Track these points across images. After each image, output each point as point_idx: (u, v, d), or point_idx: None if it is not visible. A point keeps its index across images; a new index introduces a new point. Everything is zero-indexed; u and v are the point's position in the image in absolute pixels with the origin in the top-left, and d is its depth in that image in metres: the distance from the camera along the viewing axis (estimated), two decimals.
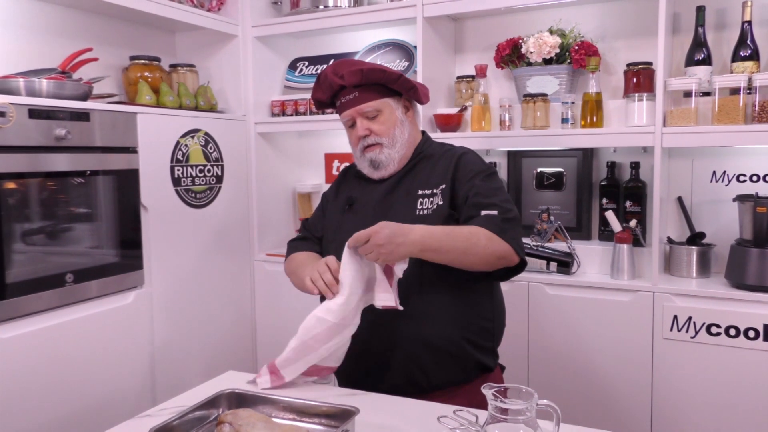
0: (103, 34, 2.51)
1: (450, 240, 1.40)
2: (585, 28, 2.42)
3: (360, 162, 1.64)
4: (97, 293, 2.08)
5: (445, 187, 1.54)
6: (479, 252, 1.41)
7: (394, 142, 1.59)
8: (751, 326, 1.94)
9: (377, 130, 1.58)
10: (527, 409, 1.03)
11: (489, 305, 1.59)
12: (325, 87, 1.62)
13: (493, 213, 1.46)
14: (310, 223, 1.78)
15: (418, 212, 1.54)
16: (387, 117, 1.59)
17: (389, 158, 1.59)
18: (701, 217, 2.30)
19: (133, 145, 2.21)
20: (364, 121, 1.59)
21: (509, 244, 1.43)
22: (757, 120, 1.99)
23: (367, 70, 1.55)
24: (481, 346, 1.56)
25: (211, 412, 1.27)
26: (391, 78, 1.58)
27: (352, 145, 1.64)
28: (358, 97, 1.58)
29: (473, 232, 1.41)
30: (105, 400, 2.07)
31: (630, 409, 2.14)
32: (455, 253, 1.41)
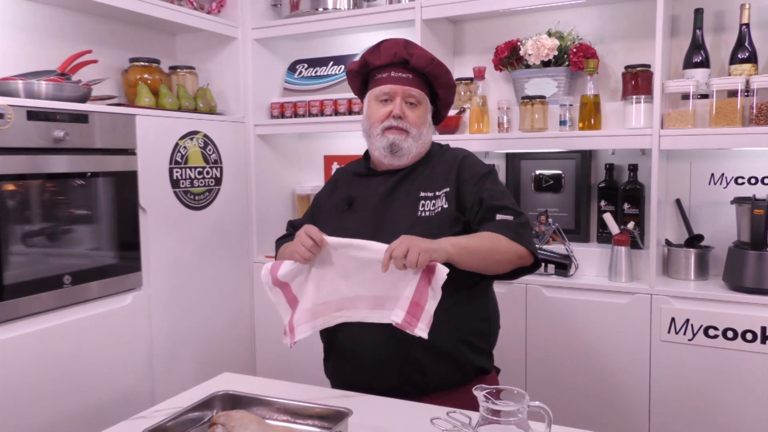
0: (102, 36, 2.52)
1: (476, 239, 1.43)
2: (583, 31, 2.42)
3: (377, 141, 1.59)
4: (96, 295, 2.09)
5: (449, 190, 1.55)
6: (503, 252, 1.43)
7: (420, 137, 1.59)
8: (749, 329, 1.94)
9: (411, 119, 1.58)
10: (519, 411, 1.03)
11: (485, 307, 1.60)
12: (387, 54, 1.58)
13: (508, 218, 1.48)
14: (296, 222, 1.77)
15: (420, 213, 1.54)
16: (423, 112, 1.61)
17: (409, 149, 1.58)
18: (699, 220, 2.30)
19: (131, 147, 2.22)
20: (403, 104, 1.58)
21: (526, 248, 1.47)
22: (755, 122, 1.98)
23: (438, 62, 1.58)
24: (477, 348, 1.56)
25: (205, 413, 1.28)
26: (449, 83, 1.61)
27: (374, 121, 1.59)
28: (412, 79, 1.58)
29: (494, 237, 1.44)
30: (103, 402, 2.08)
31: (628, 410, 2.13)
32: (482, 253, 1.42)
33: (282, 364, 2.79)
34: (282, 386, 1.49)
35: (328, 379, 1.67)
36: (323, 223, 1.65)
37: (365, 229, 1.53)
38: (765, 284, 1.96)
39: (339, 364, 1.59)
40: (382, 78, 1.60)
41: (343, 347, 1.56)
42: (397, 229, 1.45)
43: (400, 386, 1.50)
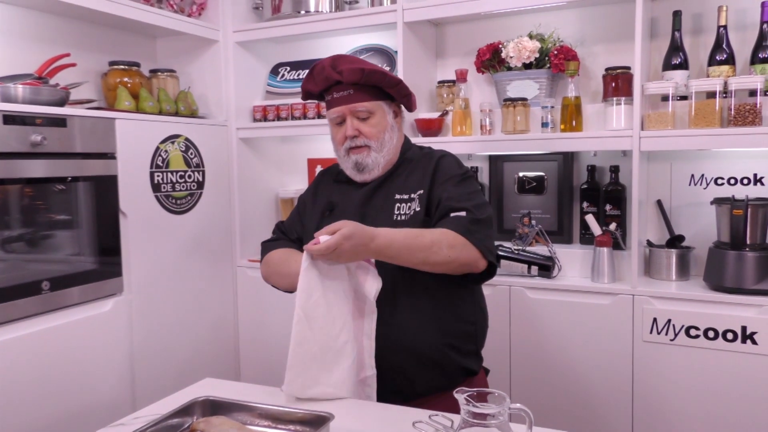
0: (81, 40, 2.50)
1: (407, 253, 1.38)
2: (564, 33, 2.44)
3: (344, 162, 1.61)
4: (76, 301, 2.06)
5: (422, 192, 1.54)
6: (439, 261, 1.39)
7: (382, 146, 1.57)
8: (729, 328, 1.96)
9: (367, 132, 1.55)
10: (500, 413, 1.03)
11: (470, 308, 1.58)
12: (320, 79, 1.58)
13: (461, 214, 1.45)
14: (284, 225, 1.76)
15: (396, 217, 1.53)
16: (378, 120, 1.57)
17: (375, 162, 1.57)
18: (680, 220, 2.32)
19: (111, 151, 2.19)
20: (354, 120, 1.56)
21: (476, 247, 1.42)
22: (733, 123, 2.01)
23: (368, 70, 1.52)
24: (464, 350, 1.55)
25: (185, 419, 1.26)
26: (391, 82, 1.56)
27: (336, 144, 1.60)
28: (353, 95, 1.55)
29: (435, 241, 1.39)
30: (83, 409, 2.05)
31: (611, 411, 2.14)
32: (412, 263, 1.40)
33: (266, 369, 2.77)
34: (264, 391, 1.48)
35: None
36: (307, 230, 1.65)
37: None
38: (745, 284, 1.98)
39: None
40: (328, 101, 1.60)
41: None
42: None
43: (385, 396, 1.48)
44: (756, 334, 1.92)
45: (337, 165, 1.73)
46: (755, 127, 1.97)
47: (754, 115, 1.97)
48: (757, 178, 2.19)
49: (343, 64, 1.54)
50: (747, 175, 2.21)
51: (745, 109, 1.98)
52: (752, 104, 1.98)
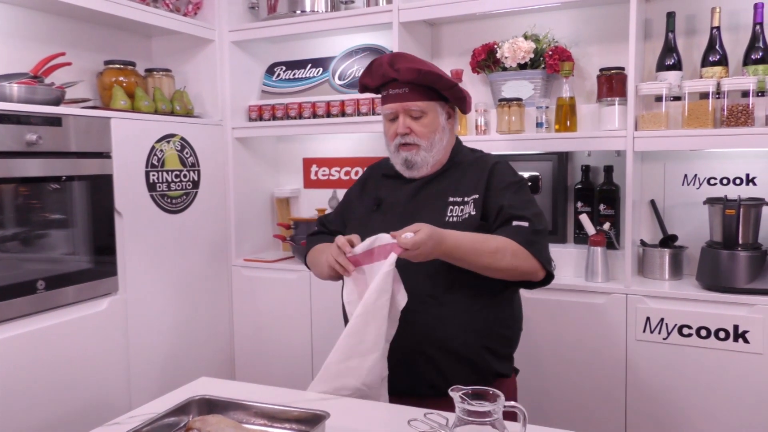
0: (76, 39, 2.49)
1: (474, 256, 1.44)
2: (559, 34, 2.45)
3: (394, 157, 1.64)
4: (71, 300, 2.06)
5: (477, 197, 1.56)
6: (502, 267, 1.45)
7: (432, 146, 1.59)
8: (722, 327, 1.97)
9: (418, 131, 1.58)
10: (494, 411, 1.04)
11: (509, 313, 1.62)
12: (377, 75, 1.60)
13: (523, 224, 1.49)
14: (327, 218, 1.81)
15: (448, 219, 1.56)
16: (430, 120, 1.59)
17: (424, 161, 1.60)
18: (673, 220, 2.33)
19: (107, 151, 2.19)
20: (407, 118, 1.58)
21: (537, 259, 1.47)
22: (726, 124, 2.02)
23: (424, 71, 1.54)
24: (500, 354, 1.59)
25: (182, 418, 1.26)
26: (447, 85, 1.58)
27: (388, 139, 1.64)
28: (408, 93, 1.57)
29: (500, 248, 1.45)
30: (79, 408, 2.05)
31: (605, 409, 2.16)
32: (476, 267, 1.45)
33: (262, 369, 2.77)
34: (260, 390, 1.49)
35: None
36: (353, 223, 1.68)
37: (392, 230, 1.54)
38: (737, 283, 1.99)
39: None
40: (383, 96, 1.63)
41: None
42: None
43: (418, 387, 1.51)
44: (748, 332, 1.94)
45: (387, 160, 1.74)
46: (748, 127, 1.98)
47: (747, 116, 1.99)
48: (750, 178, 2.21)
49: (402, 62, 1.56)
50: (739, 175, 2.23)
51: (737, 110, 2.00)
52: (745, 105, 1.99)
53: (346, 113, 2.66)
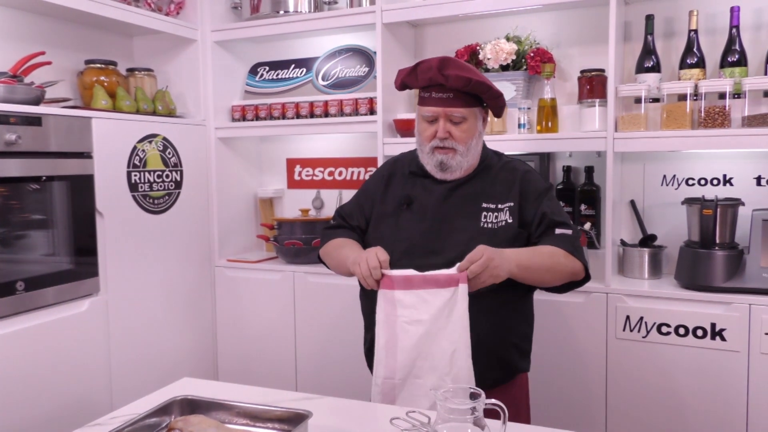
0: (57, 38, 2.47)
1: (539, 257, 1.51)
2: (540, 36, 2.47)
3: (427, 158, 1.63)
4: (51, 301, 2.04)
5: (513, 205, 1.59)
6: (560, 269, 1.53)
7: (468, 151, 1.60)
8: (699, 325, 2.01)
9: (457, 137, 1.58)
10: (475, 409, 1.05)
11: (530, 311, 1.68)
12: (424, 78, 1.58)
13: (567, 232, 1.56)
14: (345, 211, 1.78)
15: (483, 224, 1.58)
16: (470, 126, 1.60)
17: (459, 165, 1.61)
18: (653, 220, 2.36)
19: (88, 151, 2.18)
20: (447, 123, 1.58)
21: (581, 262, 1.56)
22: (703, 125, 2.06)
23: (475, 81, 1.53)
24: (522, 349, 1.64)
25: (163, 419, 1.26)
26: (493, 95, 1.59)
27: (423, 140, 1.62)
28: (452, 99, 1.56)
29: (554, 253, 1.53)
30: (60, 410, 2.03)
31: (585, 407, 2.18)
32: (542, 270, 1.51)
33: (244, 369, 2.77)
34: (242, 390, 1.49)
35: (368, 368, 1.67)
36: (379, 221, 1.68)
37: (424, 231, 1.58)
38: (714, 282, 2.03)
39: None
40: (424, 98, 1.61)
41: None
42: (460, 239, 1.53)
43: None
44: (725, 330, 1.97)
45: (409, 155, 1.74)
46: (724, 129, 2.02)
47: (723, 117, 2.03)
48: (727, 179, 2.25)
49: (452, 69, 1.54)
50: (717, 175, 2.26)
51: (714, 112, 2.03)
52: (721, 107, 2.03)
53: (330, 114, 2.66)
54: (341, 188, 2.94)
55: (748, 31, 2.18)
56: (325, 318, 2.58)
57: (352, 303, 2.07)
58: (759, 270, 1.99)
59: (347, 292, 2.39)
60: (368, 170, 2.87)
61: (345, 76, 2.76)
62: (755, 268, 1.99)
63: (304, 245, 2.64)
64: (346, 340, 2.51)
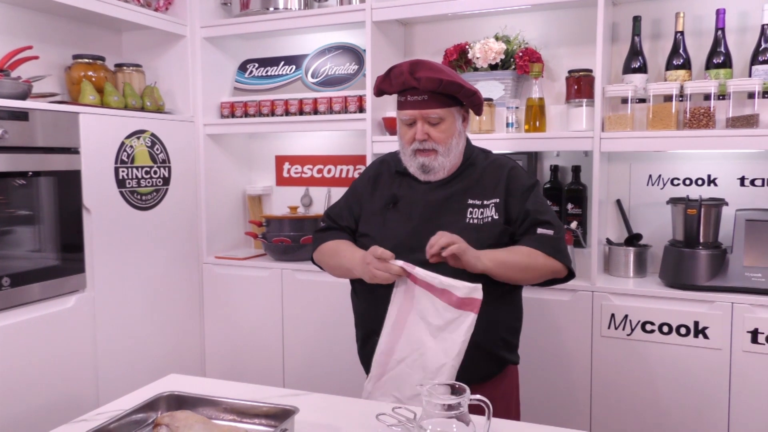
0: (44, 32, 2.45)
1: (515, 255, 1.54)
2: (529, 35, 2.49)
3: (409, 161, 1.64)
4: (37, 297, 2.03)
5: (499, 201, 1.61)
6: (538, 269, 1.57)
7: (449, 151, 1.61)
8: (683, 323, 2.03)
9: (436, 138, 1.59)
10: (460, 404, 1.06)
11: (519, 305, 1.70)
12: (396, 83, 1.60)
13: (548, 233, 1.58)
14: (334, 212, 1.78)
15: (468, 221, 1.59)
16: (448, 126, 1.60)
17: (441, 165, 1.61)
18: (638, 219, 2.39)
19: (75, 146, 2.16)
20: (425, 125, 1.59)
21: (562, 263, 1.59)
22: (689, 126, 2.08)
23: (446, 81, 1.54)
24: (512, 344, 1.67)
25: (150, 414, 1.26)
26: (467, 94, 1.60)
27: (404, 143, 1.64)
28: (427, 101, 1.57)
29: (532, 253, 1.56)
30: (46, 406, 2.02)
31: (570, 403, 2.20)
32: (519, 268, 1.54)
33: (232, 366, 2.77)
34: (230, 386, 1.49)
35: (363, 366, 1.70)
36: (367, 220, 1.69)
37: (411, 229, 1.58)
38: (698, 281, 2.05)
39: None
40: (401, 102, 1.63)
41: None
42: None
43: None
44: (708, 328, 2.00)
45: (396, 154, 1.75)
46: (709, 129, 2.04)
47: (708, 118, 2.05)
48: (711, 179, 2.28)
49: (422, 71, 1.55)
50: (701, 176, 2.29)
51: (699, 113, 2.06)
52: (706, 108, 2.05)
53: (319, 111, 2.66)
54: (330, 186, 2.94)
55: (733, 33, 2.20)
56: (313, 315, 2.59)
57: (340, 300, 2.09)
58: (742, 269, 2.01)
59: (335, 290, 2.39)
60: (357, 168, 2.88)
61: (334, 73, 2.76)
62: (738, 268, 2.02)
63: (292, 242, 2.64)
64: (334, 337, 2.51)
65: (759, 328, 1.94)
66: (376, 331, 1.57)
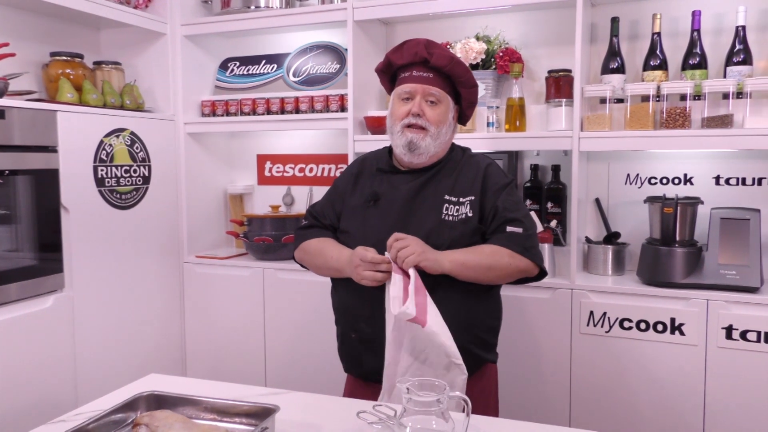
0: (21, 29, 2.42)
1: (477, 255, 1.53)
2: (509, 35, 2.51)
3: (397, 138, 1.64)
4: (14, 297, 2.01)
5: (474, 199, 1.61)
6: (503, 268, 1.55)
7: (438, 135, 1.63)
8: (660, 320, 2.06)
9: (430, 116, 1.61)
10: (439, 401, 1.07)
11: (496, 305, 1.70)
12: (408, 54, 1.62)
13: (517, 231, 1.57)
14: (317, 210, 1.78)
15: (444, 217, 1.60)
16: (443, 111, 1.63)
17: (427, 148, 1.62)
18: (617, 218, 2.42)
19: (53, 145, 2.14)
20: (423, 102, 1.61)
21: (531, 261, 1.57)
22: (665, 126, 2.11)
23: (457, 60, 1.60)
24: (489, 343, 1.67)
25: (129, 415, 1.25)
26: (469, 83, 1.63)
27: (395, 119, 1.65)
28: (432, 78, 1.61)
29: (496, 252, 1.54)
30: (23, 407, 2.00)
31: (550, 400, 2.23)
32: (481, 269, 1.53)
33: (213, 366, 2.75)
34: (210, 386, 1.48)
35: (342, 363, 1.70)
36: (348, 218, 1.69)
37: (390, 227, 1.58)
38: (674, 278, 2.09)
39: (356, 352, 1.63)
40: (404, 77, 1.65)
41: (362, 337, 1.60)
42: (422, 230, 1.55)
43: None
44: (684, 325, 2.03)
45: (377, 155, 1.76)
46: (685, 129, 2.08)
47: (684, 118, 2.08)
48: (687, 178, 2.32)
49: (436, 48, 1.61)
50: (678, 175, 2.33)
51: (675, 113, 2.09)
52: (682, 108, 2.09)
53: (301, 110, 2.66)
54: (312, 185, 2.94)
55: (708, 35, 2.24)
56: (295, 314, 2.59)
57: (321, 299, 2.08)
58: (716, 267, 2.05)
59: (316, 288, 2.39)
60: (339, 167, 2.88)
61: (316, 72, 2.76)
62: (713, 265, 2.06)
63: (273, 241, 2.63)
64: (316, 336, 2.51)
65: (733, 324, 1.98)
66: (355, 326, 1.58)
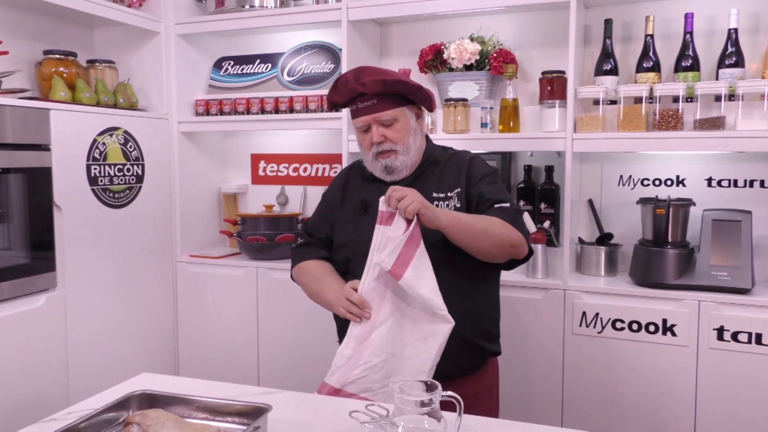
0: (13, 27, 2.41)
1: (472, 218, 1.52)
2: (503, 37, 2.51)
3: (372, 166, 1.67)
4: (6, 296, 2.00)
5: (460, 190, 1.63)
6: (496, 234, 1.51)
7: (408, 149, 1.64)
8: (652, 321, 2.07)
9: (393, 138, 1.62)
10: (432, 401, 1.08)
11: (495, 296, 1.72)
12: (344, 92, 1.63)
13: (505, 205, 1.58)
14: (311, 226, 1.80)
15: None
16: (402, 125, 1.63)
17: (403, 164, 1.64)
18: (609, 219, 2.43)
19: (45, 143, 2.13)
20: (379, 128, 1.62)
21: (521, 233, 1.56)
22: (658, 127, 2.12)
23: (390, 81, 1.58)
24: (492, 334, 1.69)
25: (121, 414, 1.25)
26: (412, 89, 1.63)
27: (364, 149, 1.67)
28: (377, 104, 1.61)
29: (489, 218, 1.54)
30: (15, 406, 1.99)
31: (542, 400, 2.23)
32: (476, 231, 1.50)
33: (206, 365, 2.75)
34: (203, 385, 1.48)
35: None
36: (341, 227, 1.71)
37: None
38: (666, 279, 2.10)
39: None
40: (353, 111, 1.66)
41: None
42: None
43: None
44: (675, 326, 2.04)
45: (361, 161, 1.77)
46: (677, 131, 2.09)
47: (677, 120, 2.10)
48: (680, 180, 2.33)
49: (366, 76, 1.60)
50: (670, 176, 2.34)
51: (668, 114, 2.10)
52: (675, 110, 2.10)
53: (295, 110, 2.66)
54: (306, 184, 2.94)
55: (701, 37, 2.25)
56: (288, 313, 2.59)
57: None
58: (708, 268, 2.06)
59: None
60: (333, 167, 2.88)
61: (310, 72, 2.76)
62: (705, 266, 2.07)
63: (267, 241, 2.63)
64: (309, 336, 2.51)
65: (724, 325, 1.99)
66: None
